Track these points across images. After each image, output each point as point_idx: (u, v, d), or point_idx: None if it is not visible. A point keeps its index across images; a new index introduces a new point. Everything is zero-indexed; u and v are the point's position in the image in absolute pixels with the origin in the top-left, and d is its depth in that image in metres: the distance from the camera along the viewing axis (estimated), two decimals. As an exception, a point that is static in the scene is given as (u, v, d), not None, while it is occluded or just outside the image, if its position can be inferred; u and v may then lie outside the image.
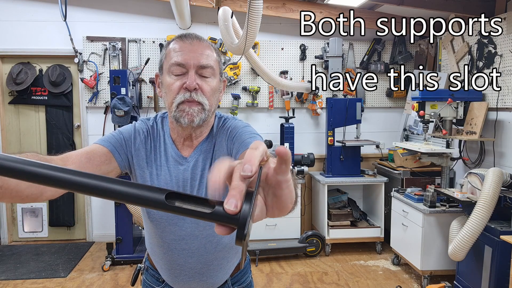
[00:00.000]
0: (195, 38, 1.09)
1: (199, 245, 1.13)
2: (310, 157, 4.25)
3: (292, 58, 4.56)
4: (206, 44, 1.10)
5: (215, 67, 1.09)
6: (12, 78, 4.29)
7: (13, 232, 4.59)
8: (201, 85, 1.05)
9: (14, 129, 4.51)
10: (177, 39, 1.10)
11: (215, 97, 1.10)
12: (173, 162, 1.13)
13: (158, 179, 1.13)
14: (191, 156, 1.14)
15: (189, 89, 1.04)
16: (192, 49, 1.06)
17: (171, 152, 1.14)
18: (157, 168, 1.13)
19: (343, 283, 3.51)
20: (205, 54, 1.07)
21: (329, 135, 4.21)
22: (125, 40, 4.36)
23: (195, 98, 1.04)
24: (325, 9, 4.23)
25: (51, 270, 3.76)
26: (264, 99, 4.57)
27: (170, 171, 1.13)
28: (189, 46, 1.07)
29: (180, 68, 1.05)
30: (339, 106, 4.17)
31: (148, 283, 1.33)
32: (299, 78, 4.58)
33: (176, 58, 1.05)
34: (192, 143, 1.14)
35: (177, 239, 1.14)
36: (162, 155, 1.14)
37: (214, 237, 1.16)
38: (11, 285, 3.48)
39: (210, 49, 1.10)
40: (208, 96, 1.06)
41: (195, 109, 1.05)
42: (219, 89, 1.13)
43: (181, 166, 1.13)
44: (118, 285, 3.48)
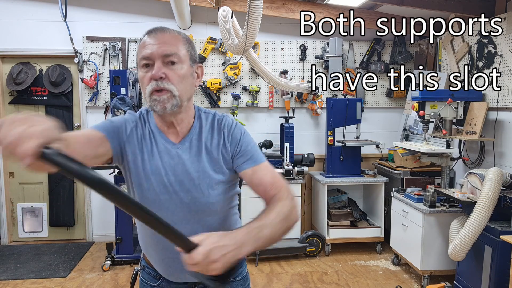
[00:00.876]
0: (159, 30, 1.14)
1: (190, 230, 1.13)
2: (310, 157, 4.26)
3: (292, 58, 4.56)
4: (171, 34, 1.15)
5: (181, 54, 1.14)
6: (12, 78, 4.30)
7: (13, 232, 4.59)
8: (167, 73, 1.11)
9: (14, 129, 4.50)
10: (146, 33, 1.16)
11: (185, 82, 1.15)
12: (163, 149, 1.19)
13: (150, 164, 1.18)
14: (181, 143, 1.20)
15: (154, 78, 1.10)
16: (156, 41, 1.11)
17: (160, 140, 1.20)
18: (149, 154, 1.19)
19: (343, 283, 3.51)
20: (168, 43, 1.12)
21: (329, 135, 4.21)
22: (125, 40, 4.37)
23: (162, 86, 1.10)
24: (325, 9, 4.23)
25: (51, 270, 3.76)
26: (264, 99, 4.57)
27: (161, 157, 1.18)
28: (154, 39, 1.12)
29: (147, 61, 1.12)
30: (339, 106, 4.17)
31: (146, 281, 1.35)
32: (299, 78, 4.58)
33: (144, 52, 1.12)
34: (177, 130, 1.20)
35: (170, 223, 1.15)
36: (153, 142, 1.20)
37: (205, 221, 1.20)
38: (11, 285, 3.48)
39: (176, 38, 1.15)
40: (175, 83, 1.12)
41: (164, 97, 1.11)
42: (191, 74, 1.17)
43: (171, 152, 1.19)
44: (118, 285, 3.48)
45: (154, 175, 1.17)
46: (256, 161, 1.20)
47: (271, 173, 1.20)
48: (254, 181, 1.18)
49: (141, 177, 1.18)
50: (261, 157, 1.22)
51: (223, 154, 1.21)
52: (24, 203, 4.57)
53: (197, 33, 4.41)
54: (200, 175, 1.18)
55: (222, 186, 1.21)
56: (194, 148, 1.20)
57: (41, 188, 4.58)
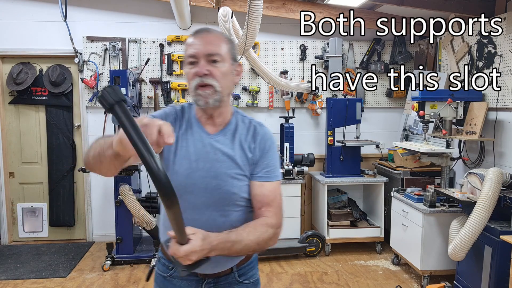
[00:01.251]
0: (205, 31, 1.26)
1: (209, 216, 1.25)
2: (310, 157, 4.26)
3: (292, 58, 4.57)
4: (216, 35, 1.26)
5: (223, 53, 1.24)
6: (12, 78, 4.30)
7: (13, 232, 4.59)
8: (211, 70, 1.22)
9: (14, 129, 4.51)
10: (192, 34, 1.28)
11: (226, 79, 1.25)
12: (198, 137, 1.29)
13: (182, 149, 1.27)
14: (216, 135, 1.30)
15: (199, 75, 1.21)
16: (201, 41, 1.23)
17: (196, 129, 1.30)
18: (182, 141, 1.29)
19: (343, 283, 3.51)
20: (213, 44, 1.23)
21: (329, 135, 4.21)
22: (125, 40, 4.37)
23: (206, 82, 1.21)
24: (325, 9, 4.23)
25: (51, 270, 3.76)
26: (264, 99, 4.57)
27: (194, 144, 1.28)
28: (200, 39, 1.24)
29: (193, 59, 1.23)
30: (339, 106, 4.17)
31: (159, 272, 1.41)
32: (299, 78, 4.58)
33: (190, 50, 1.24)
34: (214, 122, 1.31)
35: (190, 207, 1.24)
36: (188, 130, 1.30)
37: (224, 210, 1.26)
38: (11, 285, 3.48)
39: (219, 38, 1.25)
40: (218, 79, 1.22)
41: (207, 92, 1.22)
42: (231, 72, 1.28)
43: (205, 141, 1.28)
44: (118, 285, 3.48)
45: (185, 159, 1.26)
46: (271, 177, 1.29)
47: (275, 195, 1.29)
48: (257, 193, 1.28)
49: (171, 160, 1.26)
50: (276, 175, 1.31)
51: (251, 156, 1.30)
52: (24, 203, 4.57)
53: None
54: (228, 165, 1.26)
55: (245, 180, 1.28)
56: (227, 141, 1.29)
57: (41, 188, 4.58)
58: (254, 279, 1.40)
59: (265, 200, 1.26)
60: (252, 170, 1.29)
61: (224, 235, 1.15)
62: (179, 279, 1.35)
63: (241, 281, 1.36)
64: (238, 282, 1.35)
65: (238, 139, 1.30)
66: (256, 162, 1.29)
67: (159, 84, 4.43)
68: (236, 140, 1.30)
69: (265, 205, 1.26)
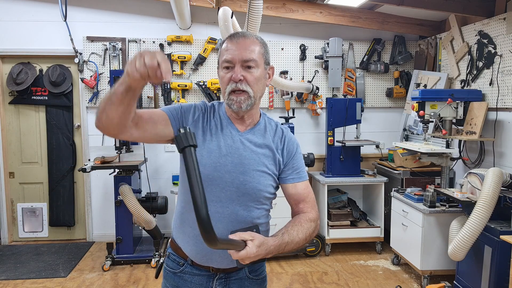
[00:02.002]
0: (241, 36, 1.28)
1: (231, 211, 1.29)
2: (310, 157, 4.26)
3: (292, 58, 4.57)
4: (251, 40, 1.28)
5: (258, 59, 1.28)
6: (12, 78, 4.30)
7: (13, 232, 4.59)
8: (246, 76, 1.25)
9: (14, 129, 4.51)
10: (227, 39, 1.31)
11: (259, 84, 1.30)
12: (228, 133, 1.33)
13: (211, 143, 1.30)
14: (246, 132, 1.35)
15: (235, 80, 1.25)
16: (238, 47, 1.26)
17: (226, 126, 1.34)
18: (211, 136, 1.32)
19: (343, 283, 3.51)
20: (248, 50, 1.26)
21: (329, 135, 4.21)
22: (125, 40, 4.37)
23: (241, 88, 1.25)
24: (325, 9, 4.23)
25: (51, 270, 3.76)
26: (264, 99, 4.57)
27: (224, 139, 1.32)
28: (235, 45, 1.27)
29: (228, 64, 1.27)
30: (339, 106, 4.17)
31: (169, 269, 1.41)
32: (299, 78, 4.58)
33: (226, 56, 1.27)
34: (245, 122, 1.35)
35: (215, 200, 1.28)
36: (218, 126, 1.34)
37: (248, 206, 1.30)
38: (11, 285, 3.48)
39: (254, 44, 1.28)
40: (252, 85, 1.27)
41: (241, 98, 1.26)
42: (264, 76, 1.32)
43: (234, 137, 1.32)
44: (118, 285, 3.48)
45: (213, 153, 1.29)
46: (301, 177, 1.38)
47: (308, 191, 1.39)
48: (292, 193, 1.36)
49: (199, 154, 1.26)
50: (305, 174, 1.40)
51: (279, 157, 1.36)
52: (24, 203, 4.57)
53: (197, 33, 4.42)
54: (256, 162, 1.31)
55: (271, 179, 1.34)
56: (256, 140, 1.34)
57: (41, 188, 4.58)
58: (263, 275, 1.44)
59: (301, 198, 1.36)
60: (282, 173, 1.37)
61: (279, 239, 1.20)
62: (190, 275, 1.36)
63: (251, 277, 1.40)
64: (248, 278, 1.39)
65: (266, 139, 1.35)
66: (285, 165, 1.37)
67: (159, 84, 4.43)
68: (265, 139, 1.35)
69: (301, 202, 1.36)
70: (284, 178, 1.37)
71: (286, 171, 1.37)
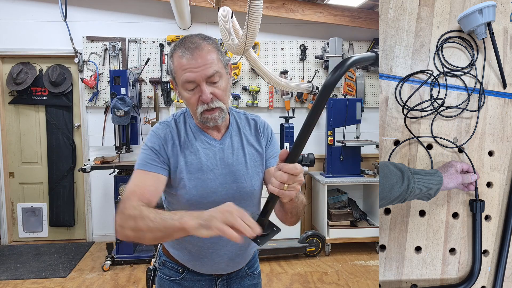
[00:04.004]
0: (195, 48, 1.15)
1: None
2: (310, 157, 4.25)
3: (292, 58, 4.57)
4: (207, 49, 1.16)
5: (220, 68, 1.18)
6: (12, 78, 4.30)
7: (13, 232, 4.59)
8: (214, 92, 1.17)
9: (14, 129, 4.51)
10: (179, 51, 1.17)
11: (227, 92, 1.23)
12: (207, 146, 1.26)
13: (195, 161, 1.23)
14: (223, 139, 1.29)
15: (205, 102, 1.16)
16: (196, 63, 1.14)
17: (202, 138, 1.27)
18: (192, 153, 1.24)
19: (343, 283, 3.51)
20: (208, 63, 1.15)
21: (329, 135, 4.21)
22: (125, 40, 4.37)
23: (213, 106, 1.18)
24: (325, 9, 4.23)
25: (51, 270, 3.76)
26: (264, 99, 4.57)
27: (206, 153, 1.25)
28: (193, 61, 1.14)
29: (191, 84, 1.16)
30: (339, 106, 4.17)
31: (166, 277, 1.35)
32: (299, 78, 4.58)
33: (186, 76, 1.15)
34: (218, 128, 1.29)
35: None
36: (193, 141, 1.26)
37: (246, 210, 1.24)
38: (11, 285, 3.48)
39: (211, 52, 1.17)
40: (222, 98, 1.19)
41: (215, 114, 1.19)
42: (229, 82, 1.25)
43: (215, 148, 1.27)
44: (118, 285, 3.48)
45: (199, 172, 1.22)
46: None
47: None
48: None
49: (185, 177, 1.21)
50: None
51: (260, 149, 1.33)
52: (24, 203, 4.57)
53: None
54: (245, 166, 1.27)
55: (261, 173, 1.31)
56: (235, 143, 1.30)
57: (41, 188, 4.58)
58: (258, 270, 1.47)
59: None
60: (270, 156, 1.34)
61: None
62: (191, 281, 1.33)
63: (249, 273, 1.42)
64: (247, 275, 1.41)
65: (244, 137, 1.32)
66: (267, 151, 1.34)
67: (159, 84, 4.43)
68: (243, 138, 1.32)
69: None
70: (267, 163, 1.34)
71: (267, 156, 1.34)
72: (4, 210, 4.48)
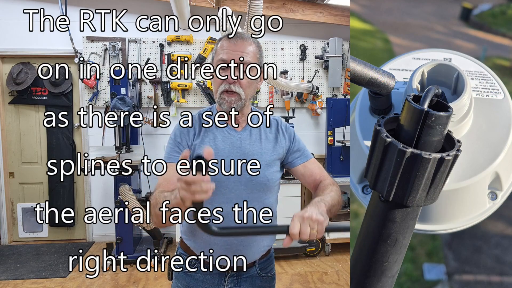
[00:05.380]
0: (239, 38, 1.29)
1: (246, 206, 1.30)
2: (310, 157, 4.26)
3: (292, 58, 4.57)
4: (248, 42, 1.29)
5: (254, 62, 1.29)
6: (12, 78, 4.30)
7: (13, 232, 4.59)
8: (240, 80, 1.27)
9: (14, 129, 4.51)
10: (224, 38, 1.30)
11: (252, 87, 1.32)
12: (226, 134, 1.35)
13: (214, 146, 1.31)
14: (243, 130, 1.37)
15: (229, 82, 1.26)
16: (234, 48, 1.26)
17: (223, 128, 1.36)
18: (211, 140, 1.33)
19: (343, 283, 3.51)
20: (246, 52, 1.27)
21: (329, 135, 4.21)
22: (125, 40, 4.37)
23: (233, 89, 1.26)
24: (325, 9, 4.23)
25: (51, 270, 3.76)
26: (264, 99, 4.57)
27: (224, 141, 1.34)
28: (232, 46, 1.27)
29: (222, 63, 1.27)
30: (339, 106, 4.17)
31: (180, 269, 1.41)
32: (299, 78, 4.58)
33: (222, 55, 1.27)
34: (238, 120, 1.37)
35: (226, 201, 1.29)
36: (214, 131, 1.35)
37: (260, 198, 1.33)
38: (11, 285, 3.48)
39: (252, 45, 1.30)
40: (244, 88, 1.28)
41: (232, 99, 1.28)
42: (256, 82, 1.35)
43: (234, 137, 1.35)
44: (118, 285, 3.48)
45: (217, 156, 1.29)
46: (307, 156, 1.43)
47: (318, 166, 1.44)
48: (306, 173, 1.41)
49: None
50: (309, 153, 1.46)
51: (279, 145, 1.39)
52: (24, 203, 4.57)
53: (197, 33, 4.42)
54: (260, 156, 1.33)
55: (277, 165, 1.38)
56: (254, 135, 1.37)
57: (41, 188, 4.58)
58: (272, 273, 1.46)
59: (315, 172, 1.41)
60: (290, 158, 1.41)
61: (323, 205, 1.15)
62: (202, 274, 1.37)
63: (261, 275, 1.41)
64: (259, 276, 1.40)
65: (263, 131, 1.39)
66: (291, 149, 1.41)
67: (159, 84, 4.43)
68: (261, 132, 1.39)
69: (317, 176, 1.40)
70: (293, 161, 1.41)
71: (292, 154, 1.41)
72: (4, 210, 4.48)
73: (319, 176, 1.40)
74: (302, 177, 1.42)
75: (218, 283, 1.36)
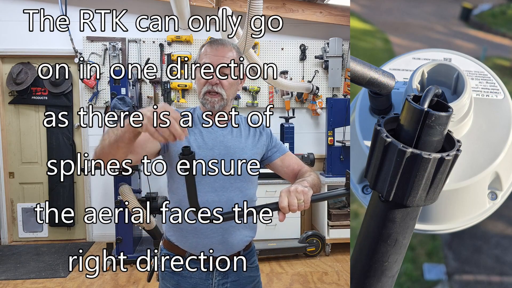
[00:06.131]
0: (221, 44, 1.41)
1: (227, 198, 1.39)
2: (310, 157, 4.26)
3: (292, 58, 4.57)
4: (228, 48, 1.41)
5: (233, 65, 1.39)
6: (12, 78, 4.30)
7: (13, 232, 4.59)
8: (222, 81, 1.37)
9: (14, 129, 4.51)
10: (207, 44, 1.42)
11: (233, 88, 1.43)
12: (209, 130, 1.45)
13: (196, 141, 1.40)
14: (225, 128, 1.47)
15: (212, 83, 1.37)
16: (217, 53, 1.38)
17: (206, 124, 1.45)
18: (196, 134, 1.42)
19: (343, 283, 3.51)
20: (226, 57, 1.38)
21: (329, 135, 4.21)
22: (125, 40, 4.37)
23: (215, 90, 1.37)
24: (325, 9, 4.23)
25: (51, 270, 3.76)
26: (264, 99, 4.57)
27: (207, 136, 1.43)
28: (215, 51, 1.38)
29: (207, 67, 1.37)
30: (339, 106, 4.17)
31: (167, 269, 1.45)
32: (299, 78, 4.58)
33: (205, 59, 1.38)
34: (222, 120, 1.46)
35: (210, 190, 1.38)
36: (198, 126, 1.44)
37: (241, 190, 1.42)
38: (11, 285, 3.48)
39: (232, 51, 1.41)
40: (226, 89, 1.39)
41: (215, 99, 1.38)
42: (237, 84, 1.45)
43: (217, 133, 1.44)
44: (118, 285, 3.48)
45: (200, 149, 1.39)
46: (284, 150, 1.56)
47: (295, 158, 1.57)
48: (283, 166, 1.53)
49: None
50: (285, 148, 1.59)
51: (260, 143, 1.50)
52: (24, 203, 4.57)
53: (197, 33, 4.42)
54: (241, 150, 1.44)
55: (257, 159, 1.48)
56: (235, 131, 1.48)
57: (41, 188, 4.58)
58: (256, 264, 1.56)
59: (292, 163, 1.54)
60: (268, 154, 1.53)
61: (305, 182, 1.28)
62: (189, 271, 1.41)
63: (247, 266, 1.50)
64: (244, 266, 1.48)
65: (243, 129, 1.50)
66: (270, 147, 1.53)
67: (159, 84, 4.43)
68: (242, 129, 1.49)
69: (294, 165, 1.53)
70: (271, 156, 1.53)
71: (270, 150, 1.53)
72: (4, 210, 4.48)
73: (297, 166, 1.53)
74: (281, 169, 1.54)
75: (206, 277, 1.41)
